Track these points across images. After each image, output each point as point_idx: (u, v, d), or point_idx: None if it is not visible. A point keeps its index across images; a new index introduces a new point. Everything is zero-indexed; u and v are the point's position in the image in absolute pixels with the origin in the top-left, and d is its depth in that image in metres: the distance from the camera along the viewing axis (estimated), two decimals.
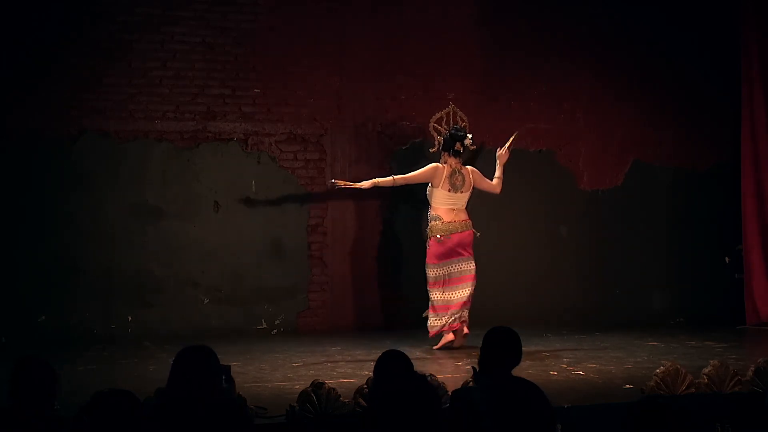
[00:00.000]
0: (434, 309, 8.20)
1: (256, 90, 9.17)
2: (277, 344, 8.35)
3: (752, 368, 6.03)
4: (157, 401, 4.06)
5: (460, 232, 8.20)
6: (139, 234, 8.84)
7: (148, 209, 8.89)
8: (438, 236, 8.19)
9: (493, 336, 4.37)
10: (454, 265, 8.22)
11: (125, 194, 8.83)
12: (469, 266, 8.24)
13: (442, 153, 8.29)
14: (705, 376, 5.93)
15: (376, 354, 4.52)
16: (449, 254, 8.19)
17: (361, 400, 5.22)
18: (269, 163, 9.17)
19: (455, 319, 8.12)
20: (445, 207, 8.21)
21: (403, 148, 9.52)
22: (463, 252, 8.23)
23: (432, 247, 8.23)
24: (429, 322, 8.20)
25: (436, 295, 8.21)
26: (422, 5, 9.65)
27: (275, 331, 9.10)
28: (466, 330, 8.12)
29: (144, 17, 8.89)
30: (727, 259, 10.32)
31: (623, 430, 3.44)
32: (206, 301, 9.01)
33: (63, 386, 4.18)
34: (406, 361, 4.30)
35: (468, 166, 8.41)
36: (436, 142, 8.41)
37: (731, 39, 10.12)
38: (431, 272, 8.24)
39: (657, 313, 10.05)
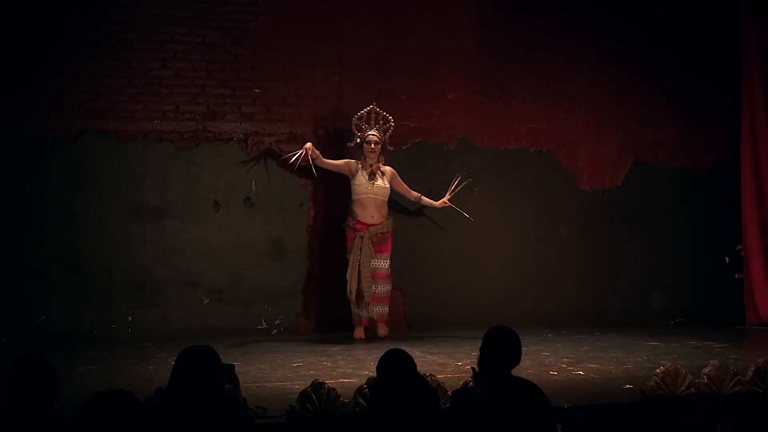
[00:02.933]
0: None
1: (256, 90, 9.17)
2: (277, 344, 8.35)
3: (752, 368, 6.02)
4: (157, 401, 4.07)
5: None
6: (139, 234, 8.84)
7: (148, 209, 8.89)
8: None
9: (494, 336, 4.37)
10: None
11: (125, 194, 8.83)
12: None
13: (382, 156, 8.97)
14: (705, 376, 5.93)
15: (376, 354, 4.51)
16: None
17: (361, 400, 5.22)
18: (269, 163, 9.17)
19: None
20: None
21: (403, 148, 9.52)
22: None
23: None
24: (385, 309, 8.84)
25: None
26: (422, 5, 9.66)
27: (275, 331, 9.10)
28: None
29: (144, 17, 8.89)
30: (727, 259, 10.32)
31: (623, 430, 3.44)
32: (206, 301, 9.01)
33: (63, 386, 4.18)
34: (410, 361, 4.29)
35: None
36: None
37: (731, 39, 10.13)
38: None
39: (657, 313, 10.06)
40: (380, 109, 8.97)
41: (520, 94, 9.88)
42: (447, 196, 9.18)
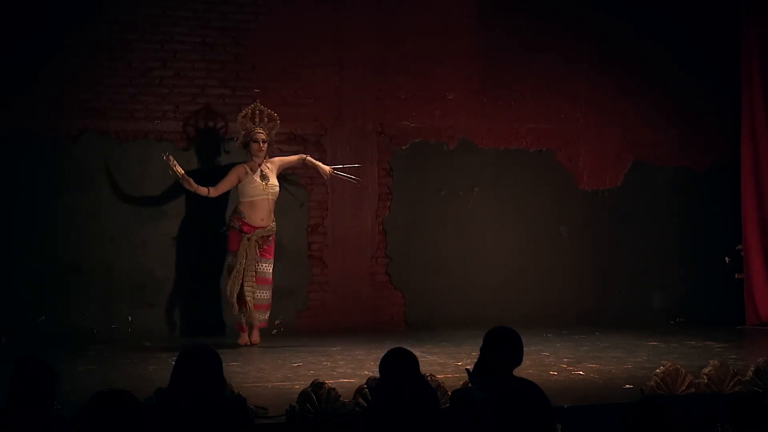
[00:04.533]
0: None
1: (256, 90, 9.16)
2: (277, 344, 8.35)
3: (752, 368, 6.03)
4: (157, 401, 4.06)
5: None
6: (139, 234, 8.84)
7: (148, 209, 8.88)
8: None
9: (494, 336, 4.36)
10: None
11: (125, 194, 8.82)
12: None
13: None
14: (705, 376, 5.93)
15: (377, 354, 4.51)
16: None
17: (361, 400, 5.22)
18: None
19: None
20: None
21: (403, 148, 9.52)
22: None
23: None
24: (266, 317, 8.45)
25: None
26: (422, 5, 9.66)
27: (275, 331, 9.09)
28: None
29: (144, 17, 8.89)
30: (727, 259, 10.32)
31: (623, 430, 3.44)
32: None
33: (63, 386, 4.18)
34: (411, 361, 4.28)
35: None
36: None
37: (731, 39, 10.13)
38: None
39: (657, 313, 10.06)
40: (264, 106, 8.63)
41: (520, 94, 9.88)
42: (332, 169, 8.70)
